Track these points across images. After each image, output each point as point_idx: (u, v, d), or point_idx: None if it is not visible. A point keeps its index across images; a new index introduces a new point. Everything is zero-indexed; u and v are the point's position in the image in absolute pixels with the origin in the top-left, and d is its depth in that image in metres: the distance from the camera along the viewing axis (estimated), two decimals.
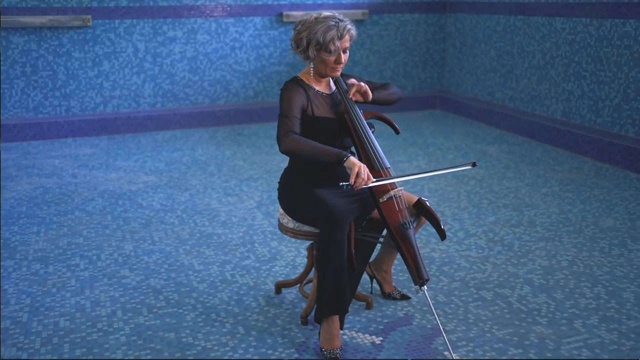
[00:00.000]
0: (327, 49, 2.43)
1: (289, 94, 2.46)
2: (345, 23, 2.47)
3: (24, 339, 2.55)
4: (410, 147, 5.53)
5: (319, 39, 2.42)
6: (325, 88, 2.59)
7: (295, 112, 2.42)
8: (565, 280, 3.04)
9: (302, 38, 2.47)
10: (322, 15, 2.48)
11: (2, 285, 3.01)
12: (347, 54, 2.53)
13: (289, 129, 2.36)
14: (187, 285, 3.01)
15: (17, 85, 5.91)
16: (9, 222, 3.83)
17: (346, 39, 2.47)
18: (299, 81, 2.53)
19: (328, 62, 2.48)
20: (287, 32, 6.66)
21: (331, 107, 2.57)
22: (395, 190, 2.44)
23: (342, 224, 2.33)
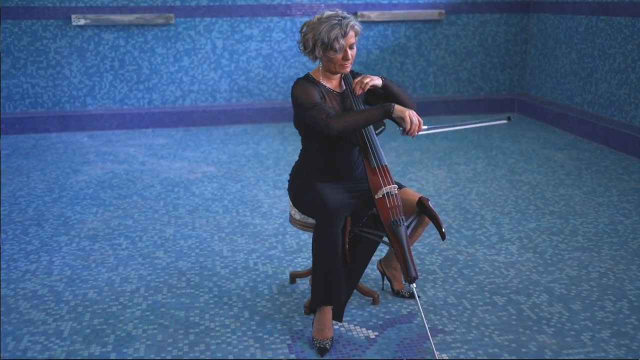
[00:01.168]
0: (332, 48, 2.49)
1: (304, 88, 2.53)
2: (347, 20, 2.51)
3: (54, 306, 2.81)
4: (473, 150, 5.43)
5: (324, 38, 2.48)
6: (336, 86, 2.65)
7: (317, 99, 2.50)
8: (588, 291, 2.91)
9: (307, 40, 2.54)
10: (324, 15, 2.53)
11: (52, 258, 3.33)
12: (354, 49, 2.57)
13: (326, 112, 2.43)
14: (210, 269, 3.18)
15: (106, 79, 6.39)
16: (74, 203, 4.19)
17: (350, 35, 2.52)
18: (311, 78, 2.61)
19: (336, 60, 2.54)
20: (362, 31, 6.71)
21: (341, 105, 2.63)
22: (389, 187, 2.47)
23: (336, 218, 2.39)
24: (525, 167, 4.89)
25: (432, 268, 3.17)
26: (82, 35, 6.25)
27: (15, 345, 2.50)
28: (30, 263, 3.26)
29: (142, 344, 2.50)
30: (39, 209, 4.06)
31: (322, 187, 2.53)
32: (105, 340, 2.54)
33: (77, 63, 6.30)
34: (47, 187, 4.52)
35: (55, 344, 2.51)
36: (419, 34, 6.86)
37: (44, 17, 6.15)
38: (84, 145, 5.72)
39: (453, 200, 4.15)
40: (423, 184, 4.51)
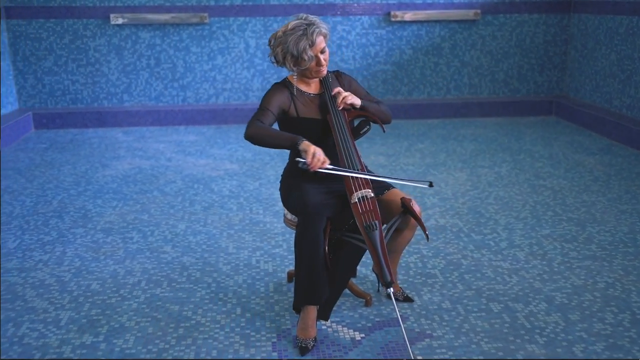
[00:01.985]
0: (302, 59, 2.50)
1: (271, 92, 2.58)
2: (313, 27, 2.50)
3: (58, 295, 2.92)
4: (500, 153, 5.32)
5: (292, 51, 2.49)
6: (313, 89, 2.66)
7: (271, 107, 2.53)
8: (591, 302, 2.82)
9: (277, 53, 2.55)
10: (289, 26, 2.52)
11: (65, 249, 3.45)
12: (327, 52, 2.57)
13: (257, 118, 2.49)
14: (213, 265, 3.23)
15: (142, 76, 6.56)
16: (97, 196, 4.33)
17: (319, 41, 2.51)
18: (287, 83, 2.63)
19: (310, 68, 2.55)
20: (395, 31, 6.68)
21: (318, 108, 2.63)
22: (362, 191, 2.45)
23: (314, 218, 2.39)
24: (551, 172, 4.76)
25: (433, 272, 3.14)
26: (120, 33, 6.44)
27: (14, 332, 2.61)
28: (45, 253, 3.39)
29: (133, 336, 2.57)
30: (63, 202, 4.21)
31: (305, 187, 2.55)
32: (99, 330, 2.62)
33: (115, 61, 6.49)
34: (75, 180, 4.68)
35: (52, 332, 2.61)
36: (453, 34, 6.76)
37: (85, 16, 6.36)
38: (117, 141, 5.89)
39: (469, 204, 4.08)
40: (442, 186, 4.45)
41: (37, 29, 6.35)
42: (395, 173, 4.79)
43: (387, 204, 2.62)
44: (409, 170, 4.86)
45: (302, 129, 2.60)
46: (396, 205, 2.60)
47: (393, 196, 2.62)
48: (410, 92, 6.89)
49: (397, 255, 2.79)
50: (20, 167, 5.05)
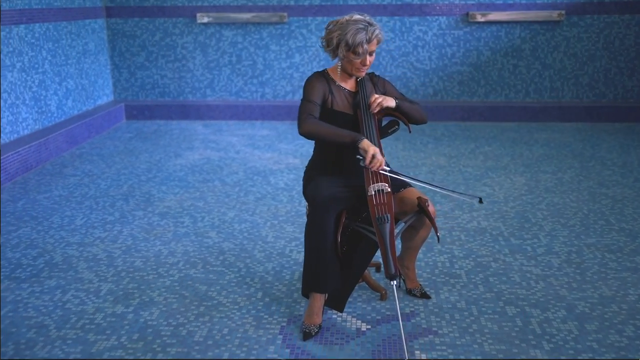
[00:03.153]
0: (355, 51, 2.58)
1: (312, 82, 2.68)
2: (374, 28, 2.59)
3: (105, 269, 3.22)
4: (568, 159, 5.14)
5: (349, 40, 2.58)
6: (350, 86, 2.75)
7: (316, 98, 2.63)
8: (614, 314, 2.73)
9: (332, 37, 2.64)
10: (353, 17, 2.63)
11: (123, 228, 3.77)
12: (373, 56, 2.65)
13: (309, 112, 2.59)
14: (249, 252, 3.41)
15: (224, 72, 6.90)
16: (163, 183, 4.65)
17: (374, 42, 2.60)
18: (325, 74, 2.73)
19: (354, 63, 2.63)
20: (473, 32, 6.59)
21: (351, 104, 2.72)
22: (378, 184, 2.52)
23: (323, 208, 2.49)
24: (618, 181, 4.55)
25: (458, 272, 3.14)
26: (206, 32, 6.81)
27: (59, 297, 2.92)
28: (104, 231, 3.72)
29: (158, 309, 2.80)
30: (132, 186, 4.57)
31: (320, 179, 2.65)
32: (131, 302, 2.87)
33: (200, 57, 6.88)
34: (148, 167, 5.05)
35: (91, 300, 2.90)
36: (535, 36, 6.57)
37: (174, 15, 6.79)
38: (195, 133, 6.25)
39: (518, 208, 4.01)
40: (495, 189, 4.40)
41: (133, 27, 6.86)
42: (452, 174, 4.77)
43: (403, 201, 2.68)
44: (466, 172, 4.83)
45: (334, 121, 2.69)
46: (411, 203, 2.65)
47: (409, 194, 2.67)
48: (487, 94, 6.77)
49: (413, 253, 2.84)
50: (104, 153, 5.51)
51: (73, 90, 6.14)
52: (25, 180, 4.76)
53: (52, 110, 5.76)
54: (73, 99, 6.14)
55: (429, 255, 3.34)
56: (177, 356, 2.44)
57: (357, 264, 2.68)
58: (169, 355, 2.45)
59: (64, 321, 2.71)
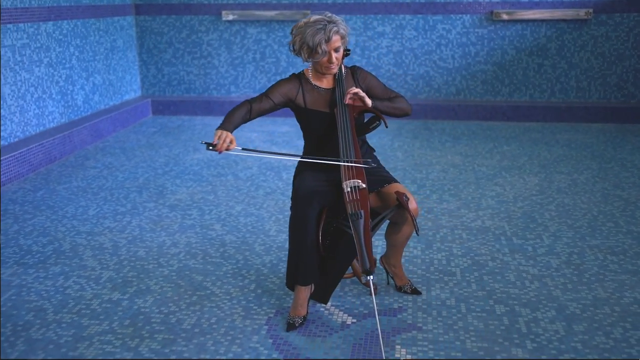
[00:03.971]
0: (316, 52, 2.62)
1: (280, 82, 2.74)
2: (332, 25, 2.60)
3: (108, 257, 3.32)
4: (587, 160, 5.05)
5: (308, 42, 2.60)
6: (326, 84, 2.77)
7: (273, 95, 2.69)
8: (605, 315, 2.69)
9: (295, 42, 2.68)
10: (311, 19, 2.64)
11: (132, 219, 3.87)
12: (340, 52, 2.66)
13: (250, 101, 2.69)
14: (249, 245, 3.48)
15: (248, 70, 7.00)
16: (177, 176, 4.76)
17: (334, 39, 2.61)
18: (300, 76, 2.77)
19: (321, 63, 2.67)
20: (497, 30, 6.52)
21: (327, 102, 2.74)
22: (353, 181, 2.53)
23: (302, 202, 2.53)
24: (635, 183, 4.46)
25: (453, 270, 3.14)
26: (231, 29, 6.91)
27: (61, 283, 3.03)
28: (114, 222, 3.84)
29: (152, 297, 2.89)
30: (147, 179, 4.69)
31: (304, 174, 2.69)
32: (128, 290, 2.97)
33: (224, 54, 6.99)
34: (165, 161, 5.17)
35: (90, 286, 3.00)
36: (561, 35, 6.46)
37: (200, 12, 6.91)
38: None
39: (526, 209, 3.97)
40: (506, 189, 4.35)
41: (160, 24, 7.01)
42: (464, 173, 4.74)
43: (385, 196, 2.70)
44: (479, 171, 4.79)
45: (310, 120, 2.74)
46: (392, 198, 2.66)
47: (390, 189, 2.69)
48: (511, 93, 6.69)
49: (397, 249, 2.85)
50: (126, 146, 5.66)
51: (100, 86, 6.32)
52: (48, 171, 4.93)
53: (79, 105, 5.94)
54: (100, 94, 6.32)
55: (426, 253, 3.34)
56: (163, 342, 2.52)
57: (341, 258, 2.71)
58: (155, 341, 2.53)
59: (62, 305, 2.82)
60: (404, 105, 2.85)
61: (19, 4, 5.04)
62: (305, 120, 2.76)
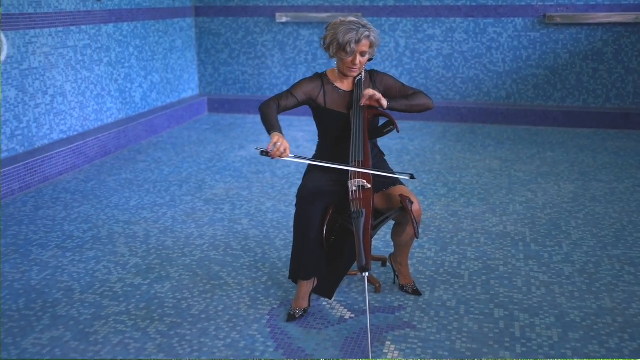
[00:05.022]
0: (344, 49, 2.74)
1: (304, 80, 2.87)
2: (364, 30, 2.72)
3: (138, 245, 3.56)
4: (632, 169, 4.91)
5: (339, 39, 2.73)
6: (346, 86, 2.88)
7: (297, 93, 2.82)
8: (605, 325, 2.67)
9: (327, 36, 2.81)
10: (348, 19, 2.77)
11: (167, 211, 4.11)
12: (366, 57, 2.77)
13: (278, 99, 2.81)
14: (271, 240, 3.63)
15: (300, 70, 7.17)
16: (218, 172, 4.98)
17: (363, 43, 2.73)
18: (322, 75, 2.89)
19: (345, 62, 2.78)
20: (550, 34, 6.40)
21: (346, 104, 2.86)
22: (358, 181, 2.63)
23: (305, 202, 2.66)
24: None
25: (462, 273, 3.18)
26: (284, 31, 7.11)
27: (92, 267, 3.29)
28: (151, 213, 4.09)
29: (170, 284, 3.09)
30: (190, 174, 4.94)
31: (313, 173, 2.82)
32: (149, 276, 3.19)
33: (278, 55, 7.20)
34: (210, 157, 5.42)
35: (117, 271, 3.24)
36: (618, 39, 6.27)
37: (256, 14, 7.15)
38: None
39: (553, 216, 3.94)
40: (538, 195, 4.32)
41: (218, 26, 7.30)
42: (499, 178, 4.72)
43: (390, 198, 2.79)
44: (515, 176, 4.76)
45: (328, 119, 2.87)
46: (397, 200, 2.75)
47: (394, 191, 2.77)
48: (564, 98, 6.55)
49: (403, 249, 2.92)
50: (177, 142, 5.96)
51: (158, 84, 6.66)
52: (102, 163, 5.27)
53: (136, 102, 6.29)
54: (157, 92, 6.66)
55: (440, 255, 3.40)
56: (170, 325, 2.71)
57: (347, 255, 2.82)
58: (164, 323, 2.73)
59: (88, 287, 3.07)
60: (423, 101, 2.91)
61: (82, 7, 5.41)
62: (323, 120, 2.88)
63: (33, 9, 4.86)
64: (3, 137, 4.62)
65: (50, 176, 4.82)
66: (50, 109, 5.09)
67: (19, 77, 4.74)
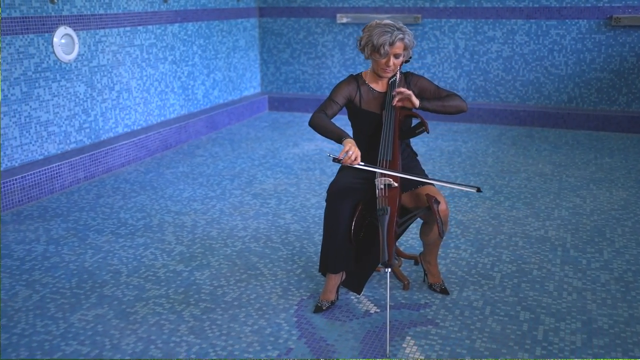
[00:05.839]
0: (378, 51, 2.81)
1: (340, 84, 2.95)
2: (399, 32, 2.79)
3: (185, 234, 3.76)
4: None
5: (374, 41, 2.82)
6: (380, 87, 2.96)
7: (337, 98, 2.90)
8: (633, 334, 2.63)
9: (363, 38, 2.89)
10: (384, 21, 2.85)
11: (216, 204, 4.30)
12: (400, 60, 2.84)
13: (323, 109, 2.88)
14: (310, 235, 3.75)
15: (359, 71, 7.25)
16: (269, 168, 5.14)
17: (397, 46, 2.79)
18: (357, 77, 2.97)
19: (379, 63, 2.86)
20: (617, 36, 6.21)
21: (379, 104, 2.93)
22: (385, 179, 2.70)
23: (334, 198, 2.75)
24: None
25: (493, 275, 3.19)
26: (344, 31, 7.21)
27: (141, 252, 3.51)
28: (201, 204, 4.29)
29: (209, 271, 3.26)
30: (243, 169, 5.13)
31: (343, 171, 2.91)
32: (191, 263, 3.37)
33: (337, 55, 7.31)
34: (264, 154, 5.59)
35: (162, 257, 3.44)
36: None
37: (317, 15, 7.29)
38: None
39: (598, 222, 3.86)
40: (586, 201, 4.24)
41: (280, 26, 7.49)
42: (548, 183, 4.66)
43: (417, 197, 2.85)
44: (565, 182, 4.68)
45: (362, 119, 2.95)
46: (424, 199, 2.80)
47: (423, 191, 2.83)
48: (629, 103, 6.34)
49: (430, 248, 2.97)
50: (235, 138, 6.17)
51: (220, 82, 6.91)
52: (163, 156, 5.55)
53: (199, 98, 6.56)
54: (219, 89, 6.91)
55: (475, 256, 3.42)
56: (203, 310, 2.87)
57: (375, 252, 2.90)
58: (198, 308, 2.89)
59: (134, 271, 3.28)
60: (456, 103, 2.95)
61: (149, 8, 5.71)
62: (357, 120, 2.97)
63: (104, 10, 5.17)
64: (72, 130, 4.95)
65: (114, 167, 5.12)
66: (117, 104, 5.40)
67: (89, 73, 5.06)
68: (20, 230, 3.84)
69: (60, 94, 4.82)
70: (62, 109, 4.84)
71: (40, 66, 4.62)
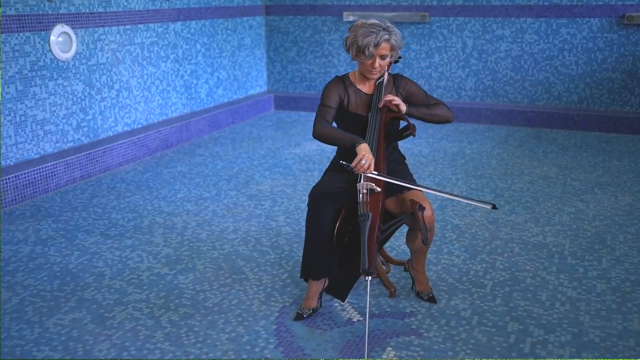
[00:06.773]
0: (363, 52, 2.72)
1: (329, 87, 2.85)
2: (384, 32, 2.69)
3: (174, 237, 3.70)
4: None
5: (359, 42, 2.72)
6: (367, 89, 2.86)
7: (331, 102, 2.81)
8: (626, 347, 2.51)
9: (349, 38, 2.80)
10: (369, 21, 2.75)
11: (210, 205, 4.24)
12: (386, 61, 2.74)
13: (322, 116, 2.78)
14: (301, 238, 3.66)
15: None
16: (268, 169, 5.07)
17: (383, 47, 2.70)
18: (344, 78, 2.88)
19: (365, 65, 2.76)
20: (629, 35, 6.03)
21: (366, 106, 2.84)
22: (365, 183, 2.60)
23: (315, 203, 2.66)
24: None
25: (485, 282, 3.09)
26: None
27: (127, 254, 3.46)
28: (195, 205, 4.23)
29: (194, 275, 3.20)
30: (241, 169, 5.06)
31: (328, 174, 2.82)
32: (177, 266, 3.31)
33: (344, 54, 7.20)
34: (265, 154, 5.52)
35: (148, 260, 3.39)
36: None
37: (323, 13, 7.19)
38: None
39: (600, 229, 3.73)
40: (589, 206, 4.10)
41: (287, 24, 7.41)
42: (552, 186, 4.52)
43: (402, 202, 2.75)
44: (569, 185, 4.54)
45: (348, 121, 2.86)
46: (408, 205, 2.71)
47: (408, 196, 2.73)
48: None
49: (419, 256, 2.87)
50: (237, 137, 6.11)
51: (224, 80, 6.85)
52: (162, 155, 5.50)
53: (202, 97, 6.51)
54: (224, 88, 6.85)
55: (467, 262, 3.31)
56: (182, 315, 2.80)
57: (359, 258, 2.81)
58: (177, 313, 2.83)
59: (118, 273, 3.23)
60: (443, 112, 2.87)
61: (150, 6, 5.66)
62: (344, 122, 2.87)
63: (102, 8, 5.13)
64: (69, 128, 4.92)
65: (111, 166, 5.09)
66: (116, 103, 5.36)
67: (87, 72, 5.03)
68: (10, 230, 3.81)
69: (57, 92, 4.79)
70: (59, 108, 4.81)
71: (37, 64, 4.59)
